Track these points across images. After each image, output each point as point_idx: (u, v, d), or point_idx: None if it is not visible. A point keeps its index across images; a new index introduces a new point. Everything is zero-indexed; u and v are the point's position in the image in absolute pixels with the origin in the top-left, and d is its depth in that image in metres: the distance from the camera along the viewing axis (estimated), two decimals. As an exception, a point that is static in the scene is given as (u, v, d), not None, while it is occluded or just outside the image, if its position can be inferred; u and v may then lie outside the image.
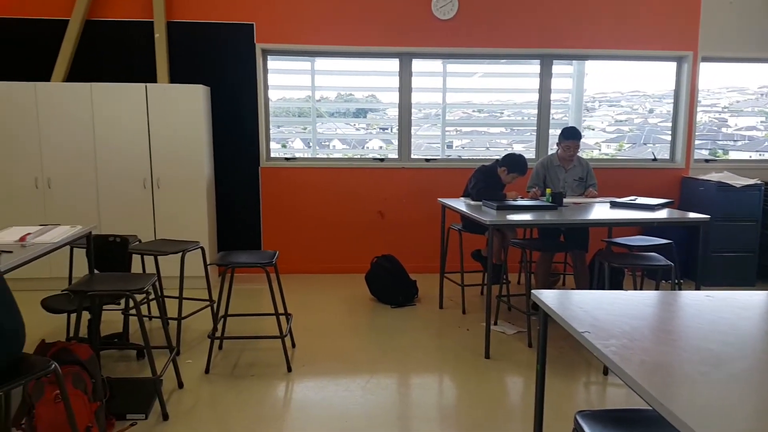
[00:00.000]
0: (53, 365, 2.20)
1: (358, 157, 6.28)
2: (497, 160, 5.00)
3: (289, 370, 3.81)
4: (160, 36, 5.63)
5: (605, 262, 4.05)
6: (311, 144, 6.26)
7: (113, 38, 5.69)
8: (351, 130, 6.37)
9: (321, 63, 6.07)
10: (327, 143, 6.33)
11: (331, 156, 6.28)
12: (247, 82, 5.88)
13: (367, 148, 6.36)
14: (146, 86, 5.29)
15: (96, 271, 3.84)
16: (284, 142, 6.25)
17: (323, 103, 6.19)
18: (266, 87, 6.02)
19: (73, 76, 5.65)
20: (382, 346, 4.23)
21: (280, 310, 4.78)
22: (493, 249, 4.25)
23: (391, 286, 5.20)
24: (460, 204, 4.70)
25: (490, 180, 4.89)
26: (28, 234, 3.16)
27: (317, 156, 6.22)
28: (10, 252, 2.84)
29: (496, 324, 4.69)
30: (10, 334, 2.16)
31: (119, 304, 4.01)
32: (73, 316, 4.02)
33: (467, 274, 5.31)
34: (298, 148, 6.31)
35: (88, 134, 5.30)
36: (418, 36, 5.94)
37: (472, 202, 4.74)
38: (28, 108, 5.23)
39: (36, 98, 5.23)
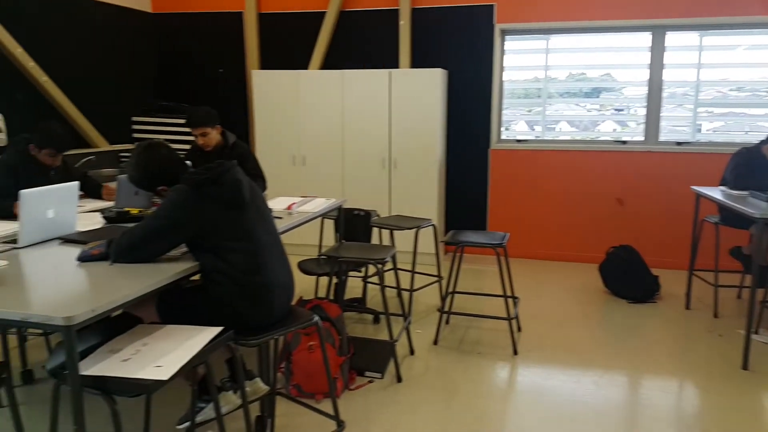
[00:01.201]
0: (316, 318, 2.46)
1: (590, 139, 5.95)
2: (763, 139, 4.32)
3: (515, 353, 3.79)
4: (405, 23, 5.91)
5: None
6: (535, 127, 6.07)
7: (362, 27, 6.12)
8: (581, 111, 6.04)
9: (555, 41, 5.85)
10: (553, 125, 6.09)
11: (558, 138, 6.03)
12: (483, 64, 5.90)
13: (598, 130, 5.98)
14: (390, 72, 5.61)
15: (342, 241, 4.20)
16: (507, 124, 6.16)
17: (553, 83, 5.96)
18: (502, 68, 5.99)
19: (328, 63, 6.21)
20: (617, 342, 3.99)
21: (508, 292, 4.77)
22: (760, 247, 3.71)
23: (628, 279, 4.86)
24: (717, 193, 4.19)
25: (754, 163, 4.25)
26: (294, 203, 3.57)
27: (545, 138, 6.03)
28: (281, 218, 3.25)
29: (757, 333, 4.13)
30: (288, 288, 2.47)
31: (360, 271, 4.35)
32: (321, 278, 4.48)
33: (722, 274, 4.74)
34: (521, 131, 6.16)
35: (338, 117, 5.80)
36: (674, 6, 5.40)
37: (734, 192, 4.19)
38: (292, 94, 5.88)
39: (298, 85, 5.86)
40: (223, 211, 2.29)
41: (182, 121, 6.14)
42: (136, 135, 6.38)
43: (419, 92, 5.57)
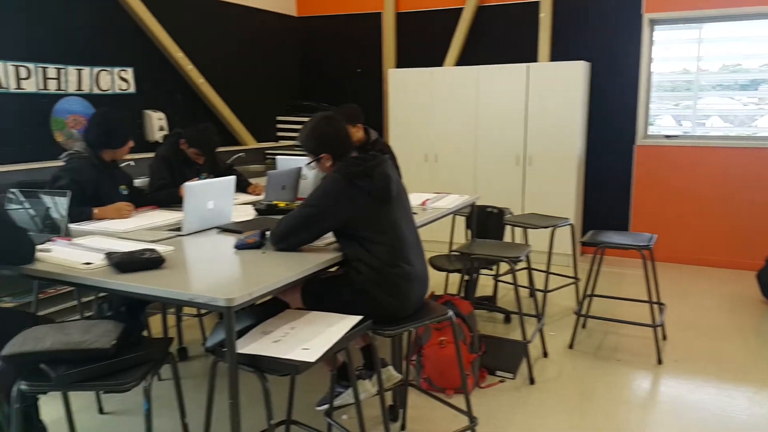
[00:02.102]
0: (450, 313, 2.49)
1: (746, 135, 5.42)
2: None
3: (659, 362, 3.58)
4: (545, 15, 5.76)
5: None
6: (683, 122, 5.63)
7: (500, 21, 6.04)
8: (736, 105, 5.51)
9: (708, 30, 5.39)
10: (703, 120, 5.61)
11: (710, 134, 5.55)
12: (629, 55, 5.59)
13: (756, 125, 5.43)
14: (528, 66, 5.49)
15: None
16: (652, 119, 5.77)
17: (704, 75, 5.50)
18: (650, 60, 5.64)
19: (462, 60, 6.20)
20: (776, 356, 3.64)
21: (653, 298, 4.50)
22: None
23: (790, 288, 4.40)
24: None
25: None
26: (428, 200, 3.62)
27: (695, 134, 5.58)
28: (416, 213, 3.31)
29: None
30: (424, 281, 2.54)
31: (492, 269, 4.31)
32: (452, 275, 4.50)
33: None
34: (666, 126, 5.74)
35: (472, 114, 5.78)
36: None
37: None
38: (426, 91, 5.95)
39: (431, 82, 5.91)
40: (371, 203, 2.39)
41: (322, 119, 6.42)
42: (280, 134, 6.78)
43: (559, 86, 5.40)
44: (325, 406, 2.72)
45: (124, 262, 2.13)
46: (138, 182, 4.59)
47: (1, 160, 4.11)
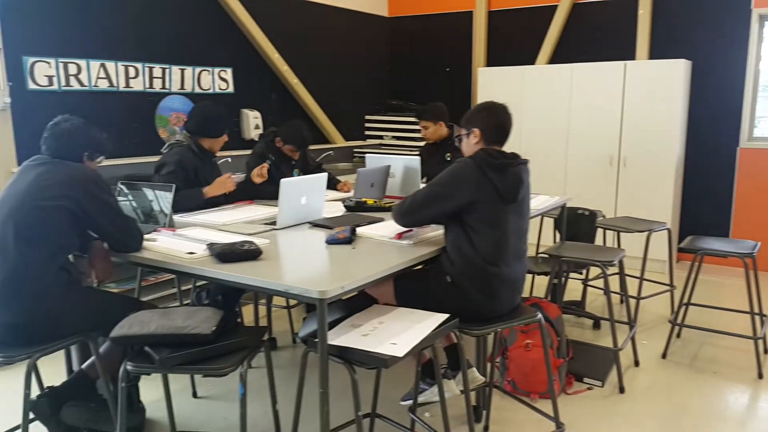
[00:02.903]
0: (539, 316, 2.46)
1: None
2: None
3: (760, 376, 3.37)
4: (644, 12, 5.53)
5: None
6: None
7: (596, 18, 5.86)
8: None
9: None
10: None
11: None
12: (734, 53, 5.27)
13: None
14: (625, 64, 5.29)
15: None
16: (757, 121, 5.39)
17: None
18: (758, 58, 5.29)
19: (555, 58, 6.06)
20: None
21: (755, 309, 4.22)
22: None
23: None
24: None
25: None
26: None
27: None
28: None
29: None
30: (518, 286, 2.53)
31: (581, 273, 4.20)
32: (537, 277, 4.41)
33: None
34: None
35: (564, 113, 5.64)
36: None
37: None
38: (514, 90, 5.86)
39: (522, 81, 5.82)
40: (494, 197, 2.40)
41: (410, 119, 6.47)
42: (367, 132, 6.88)
43: (657, 85, 5.17)
44: (409, 402, 2.75)
45: (224, 253, 2.25)
46: (233, 178, 4.82)
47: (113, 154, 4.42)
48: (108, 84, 4.37)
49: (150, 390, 3.14)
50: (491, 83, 5.98)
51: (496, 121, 2.54)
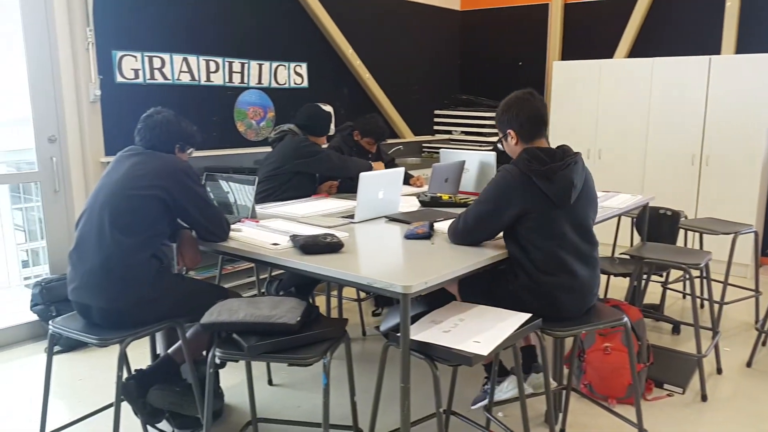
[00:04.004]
0: (625, 319, 2.38)
1: None
2: None
3: None
4: (732, 4, 5.25)
5: None
6: None
7: (680, 11, 5.61)
8: None
9: None
10: None
11: None
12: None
13: None
14: (710, 59, 5.05)
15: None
16: None
17: None
18: None
19: (635, 52, 5.85)
20: None
21: None
22: None
23: None
24: None
25: None
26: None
27: None
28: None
29: None
30: (586, 293, 2.40)
31: (661, 275, 4.05)
32: (613, 279, 4.28)
33: None
34: None
35: (643, 109, 5.44)
36: None
37: None
38: (590, 84, 5.69)
39: (600, 75, 5.64)
40: (543, 205, 2.27)
41: (481, 114, 6.40)
42: (437, 127, 6.84)
43: (745, 81, 4.91)
44: (480, 405, 2.71)
45: (308, 245, 2.28)
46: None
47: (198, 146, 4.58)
48: (190, 78, 4.51)
49: (225, 376, 3.23)
50: (566, 77, 5.83)
51: (528, 113, 2.37)
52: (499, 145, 2.59)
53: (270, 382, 3.30)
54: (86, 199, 2.54)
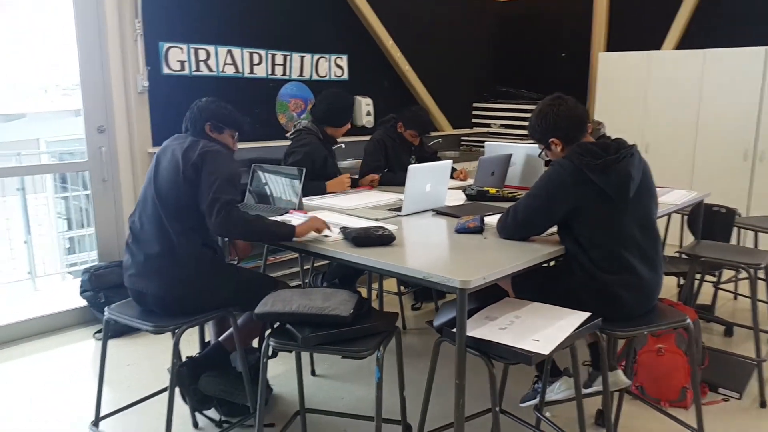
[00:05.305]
0: (688, 320, 2.28)
1: None
2: None
3: None
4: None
5: None
6: None
7: (732, 0, 5.41)
8: None
9: None
10: None
11: None
12: None
13: None
14: (765, 50, 4.87)
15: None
16: None
17: None
18: None
19: (685, 43, 5.67)
20: None
21: None
22: None
23: None
24: None
25: None
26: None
27: None
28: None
29: None
30: (647, 291, 2.30)
31: (714, 275, 3.91)
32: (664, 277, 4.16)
33: None
34: None
35: (693, 102, 5.27)
36: None
37: None
38: (640, 76, 5.54)
39: (648, 67, 5.49)
40: (601, 200, 2.19)
41: (520, 106, 6.28)
42: (475, 120, 6.75)
43: (804, 74, 4.73)
44: (530, 403, 2.65)
45: (360, 237, 2.25)
46: (346, 164, 4.88)
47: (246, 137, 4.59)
48: (234, 70, 4.52)
49: (269, 366, 3.23)
50: (612, 69, 5.69)
51: (567, 117, 2.28)
52: (545, 156, 2.49)
53: (313, 373, 3.29)
54: (137, 188, 2.55)
